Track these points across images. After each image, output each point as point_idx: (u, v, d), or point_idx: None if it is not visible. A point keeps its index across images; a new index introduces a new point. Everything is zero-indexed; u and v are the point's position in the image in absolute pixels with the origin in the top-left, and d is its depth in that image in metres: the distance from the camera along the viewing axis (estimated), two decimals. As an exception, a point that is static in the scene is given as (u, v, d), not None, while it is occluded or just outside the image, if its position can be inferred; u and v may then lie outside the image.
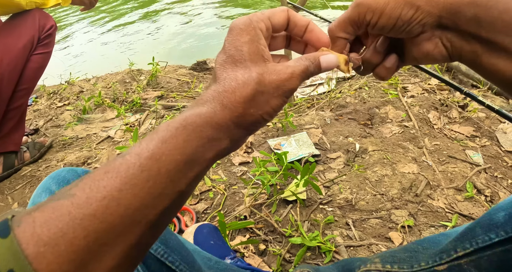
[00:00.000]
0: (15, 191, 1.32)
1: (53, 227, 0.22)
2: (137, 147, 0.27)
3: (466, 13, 0.31)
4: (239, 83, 0.30)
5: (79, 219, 0.23)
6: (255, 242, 0.92)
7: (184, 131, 0.28)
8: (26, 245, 0.21)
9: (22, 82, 1.37)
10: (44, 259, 0.21)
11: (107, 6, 5.83)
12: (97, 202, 0.23)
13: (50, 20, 1.40)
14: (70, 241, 0.22)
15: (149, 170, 0.25)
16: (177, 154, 0.27)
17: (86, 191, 0.24)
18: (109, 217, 0.23)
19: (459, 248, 0.51)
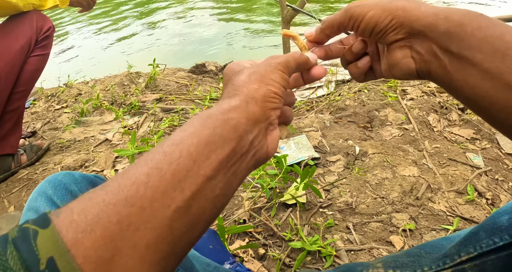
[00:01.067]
0: (11, 194, 1.31)
1: (89, 214, 0.23)
2: (161, 141, 0.29)
3: (439, 28, 0.33)
4: (234, 80, 0.35)
5: (112, 205, 0.24)
6: (254, 246, 0.91)
7: (199, 117, 0.30)
8: (66, 232, 0.22)
9: (19, 84, 1.36)
10: (81, 245, 0.22)
11: (106, 9, 5.84)
12: (128, 187, 0.25)
13: (48, 22, 1.39)
14: (105, 226, 0.23)
15: (171, 154, 0.27)
16: (195, 137, 0.28)
17: (118, 179, 0.25)
18: (139, 200, 0.24)
19: (462, 253, 0.51)
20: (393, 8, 0.35)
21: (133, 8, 5.75)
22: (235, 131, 0.30)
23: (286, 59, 0.36)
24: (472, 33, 0.32)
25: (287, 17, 2.06)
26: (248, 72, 0.34)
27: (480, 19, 0.32)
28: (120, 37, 4.47)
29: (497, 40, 0.31)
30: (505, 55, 0.30)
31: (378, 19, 0.36)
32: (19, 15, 1.31)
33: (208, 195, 0.28)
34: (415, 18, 0.34)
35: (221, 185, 0.29)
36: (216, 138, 0.28)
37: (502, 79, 0.31)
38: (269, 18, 4.50)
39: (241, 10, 4.95)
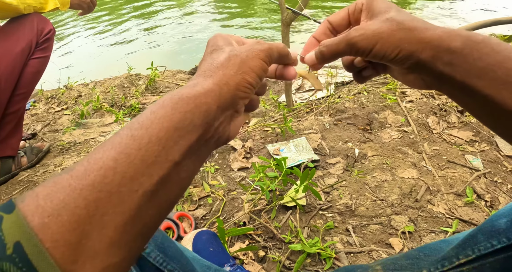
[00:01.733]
0: (11, 197, 1.31)
1: (55, 199, 0.23)
2: (129, 122, 0.29)
3: (443, 58, 0.34)
4: (214, 57, 0.34)
5: (79, 190, 0.24)
6: (254, 248, 0.92)
7: (171, 100, 0.29)
8: (31, 217, 0.22)
9: (20, 87, 1.36)
10: (48, 229, 0.22)
11: (106, 11, 5.85)
12: (95, 172, 0.24)
13: (49, 25, 1.40)
14: (72, 211, 0.23)
15: (140, 138, 0.26)
16: (165, 121, 0.28)
17: (84, 164, 0.25)
18: (107, 186, 0.24)
19: (461, 255, 0.51)
20: (398, 40, 0.36)
21: (133, 10, 5.76)
22: (204, 118, 0.30)
23: (269, 47, 0.36)
24: (474, 63, 0.33)
25: (286, 20, 2.06)
26: (229, 55, 0.34)
27: (481, 47, 0.33)
28: (120, 39, 4.48)
29: (498, 68, 0.32)
30: (506, 82, 0.32)
31: (385, 53, 0.36)
32: (19, 17, 1.32)
33: (175, 179, 0.28)
34: (420, 50, 0.35)
35: (186, 168, 0.29)
36: (186, 123, 0.28)
37: (504, 105, 0.33)
38: (269, 20, 4.51)
39: (240, 14, 4.97)
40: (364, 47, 0.37)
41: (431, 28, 0.35)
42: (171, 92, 0.31)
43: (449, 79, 0.35)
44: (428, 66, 0.36)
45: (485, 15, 3.97)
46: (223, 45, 0.35)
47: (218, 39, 0.36)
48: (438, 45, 0.34)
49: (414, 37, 0.35)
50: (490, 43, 0.33)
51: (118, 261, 0.25)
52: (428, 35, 0.35)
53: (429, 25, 0.36)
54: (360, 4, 0.40)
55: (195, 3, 5.63)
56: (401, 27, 0.36)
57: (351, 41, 0.37)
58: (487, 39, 0.33)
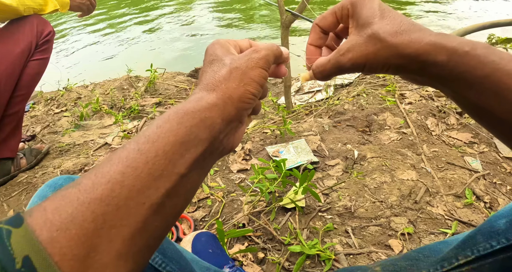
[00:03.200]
0: (10, 198, 1.31)
1: (63, 213, 0.23)
2: (136, 136, 0.29)
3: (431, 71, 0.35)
4: (215, 70, 0.34)
5: (86, 203, 0.24)
6: (253, 250, 0.91)
7: (176, 115, 0.30)
8: (40, 231, 0.22)
9: (19, 88, 1.36)
10: (57, 243, 0.22)
11: (106, 13, 5.86)
12: (102, 186, 0.25)
13: (48, 26, 1.40)
14: (80, 225, 0.23)
15: (147, 152, 0.27)
16: (171, 135, 0.28)
17: (92, 177, 0.25)
18: (114, 199, 0.25)
19: (460, 256, 0.51)
20: (384, 58, 0.36)
21: (133, 13, 5.77)
22: (210, 132, 0.30)
23: (266, 53, 0.36)
24: (461, 75, 0.33)
25: (286, 22, 2.07)
26: (230, 68, 0.34)
27: (467, 60, 0.33)
28: (120, 42, 4.48)
29: (485, 80, 0.32)
30: (495, 94, 0.32)
31: (375, 70, 0.38)
32: (19, 19, 1.32)
33: (180, 191, 0.29)
34: (407, 64, 0.36)
35: (192, 180, 0.30)
36: (192, 137, 0.29)
37: (495, 113, 0.33)
38: (268, 22, 4.52)
39: (240, 18, 4.98)
40: (354, 69, 0.39)
41: (415, 40, 0.35)
42: (176, 105, 0.31)
43: (441, 86, 0.36)
44: (418, 75, 0.37)
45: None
46: (222, 56, 0.35)
47: (216, 48, 0.36)
48: (424, 61, 0.34)
49: (399, 54, 0.35)
50: (477, 54, 0.32)
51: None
52: (413, 50, 0.34)
53: (414, 36, 0.35)
54: (346, 8, 0.40)
55: (196, 6, 5.65)
56: (385, 44, 0.36)
57: (342, 67, 0.39)
58: (473, 50, 0.32)
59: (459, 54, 0.33)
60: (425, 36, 0.34)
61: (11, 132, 1.39)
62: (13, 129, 1.40)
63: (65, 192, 0.25)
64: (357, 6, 0.39)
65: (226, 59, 0.35)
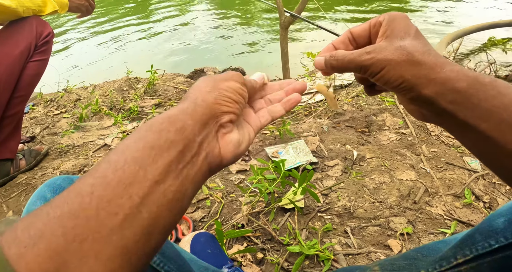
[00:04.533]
0: (10, 199, 1.30)
1: (32, 229, 0.22)
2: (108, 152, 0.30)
3: (447, 97, 0.34)
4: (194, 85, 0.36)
5: (56, 218, 0.23)
6: (252, 250, 0.91)
7: (145, 125, 0.30)
8: (8, 248, 0.21)
9: (19, 90, 1.36)
10: (23, 259, 0.21)
11: (106, 15, 5.87)
12: (72, 199, 0.24)
13: (48, 28, 1.40)
14: (49, 239, 0.22)
15: (116, 162, 0.26)
16: (140, 142, 0.28)
17: (64, 194, 0.25)
18: (84, 211, 0.23)
19: (459, 255, 0.51)
20: (403, 70, 0.36)
21: (133, 15, 5.79)
22: (181, 133, 0.29)
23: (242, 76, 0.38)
24: (479, 104, 0.33)
25: (285, 24, 2.08)
26: (204, 78, 0.35)
27: (487, 88, 0.33)
28: (120, 43, 4.49)
29: (504, 111, 0.32)
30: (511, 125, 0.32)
31: (388, 80, 0.37)
32: (19, 20, 1.32)
33: (160, 200, 0.26)
34: (424, 85, 0.35)
35: (172, 189, 0.27)
36: (162, 141, 0.28)
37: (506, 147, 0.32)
38: (267, 24, 4.53)
39: (241, 20, 4.99)
40: (371, 70, 0.38)
41: (440, 65, 0.35)
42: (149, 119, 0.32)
43: (450, 117, 0.35)
44: (429, 102, 0.36)
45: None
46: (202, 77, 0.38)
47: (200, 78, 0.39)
48: (443, 83, 0.34)
49: (420, 72, 0.35)
50: (497, 85, 0.33)
51: None
52: (435, 72, 0.35)
53: (439, 61, 0.35)
54: (382, 19, 0.40)
55: (195, 8, 5.66)
56: (410, 58, 0.36)
57: (361, 63, 0.39)
58: (494, 81, 0.33)
59: (481, 82, 0.33)
60: (449, 64, 0.35)
61: (10, 133, 1.39)
62: (13, 130, 1.40)
63: (39, 210, 0.24)
64: (395, 20, 0.39)
65: (203, 77, 0.37)
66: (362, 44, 0.44)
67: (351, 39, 0.44)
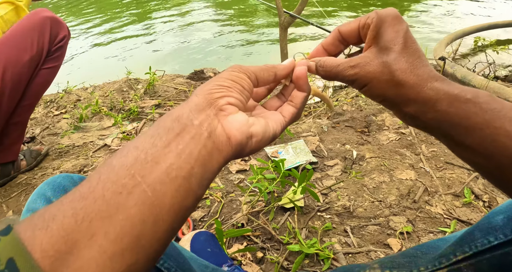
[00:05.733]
0: (10, 199, 1.30)
1: (47, 214, 0.24)
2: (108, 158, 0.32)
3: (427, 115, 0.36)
4: None
5: (67, 202, 0.25)
6: (252, 249, 0.91)
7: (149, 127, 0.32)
8: (24, 232, 0.23)
9: (26, 98, 1.26)
10: (38, 240, 0.22)
11: (106, 15, 5.88)
12: (82, 186, 0.26)
13: (64, 29, 1.26)
14: (60, 221, 0.23)
15: (120, 152, 0.29)
16: (142, 136, 0.30)
17: (78, 187, 0.27)
18: (92, 193, 0.25)
19: (458, 252, 0.51)
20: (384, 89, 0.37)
21: (133, 15, 5.79)
22: (177, 121, 0.30)
23: (244, 66, 0.37)
24: (460, 122, 0.34)
25: (284, 24, 2.08)
26: (210, 79, 0.36)
27: (468, 106, 0.33)
28: (120, 44, 4.50)
29: (486, 128, 0.32)
30: (495, 140, 0.32)
31: (370, 96, 0.39)
32: (30, 19, 1.19)
33: (163, 178, 0.27)
34: (404, 104, 0.37)
35: (175, 167, 0.28)
36: (160, 130, 0.30)
37: (494, 161, 0.33)
38: (268, 25, 4.54)
39: (240, 21, 5.00)
40: (355, 85, 0.39)
41: (420, 84, 0.35)
42: None
43: (435, 130, 0.36)
44: (412, 117, 0.37)
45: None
46: None
47: None
48: (423, 103, 0.35)
49: (400, 92, 0.36)
50: (479, 101, 0.33)
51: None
52: (415, 92, 0.35)
53: (421, 79, 0.35)
54: (370, 21, 0.39)
55: (194, 9, 5.67)
56: (391, 78, 0.36)
57: (346, 77, 0.39)
58: (476, 97, 0.33)
59: (461, 101, 0.33)
60: (430, 81, 0.35)
61: (16, 138, 1.36)
62: (18, 136, 1.36)
63: (54, 201, 0.26)
64: (384, 24, 0.38)
65: None
66: (353, 43, 0.44)
67: (340, 39, 0.43)
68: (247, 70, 0.37)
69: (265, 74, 0.39)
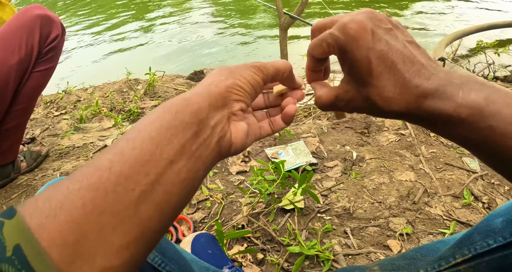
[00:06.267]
0: (10, 201, 1.31)
1: (53, 201, 0.23)
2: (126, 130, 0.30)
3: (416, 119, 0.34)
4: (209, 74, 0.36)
5: (76, 190, 0.24)
6: (253, 251, 0.92)
7: (162, 106, 0.31)
8: (30, 219, 0.22)
9: (19, 102, 1.19)
10: (46, 229, 0.22)
11: (105, 16, 5.88)
12: (91, 173, 0.25)
13: (56, 28, 1.18)
14: (69, 211, 0.23)
15: (133, 139, 0.27)
16: (157, 122, 0.29)
17: (83, 169, 0.26)
18: (103, 185, 0.25)
19: (457, 255, 0.51)
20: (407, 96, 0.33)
21: (132, 16, 5.79)
22: (196, 116, 0.30)
23: (262, 64, 0.36)
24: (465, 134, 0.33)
25: (284, 25, 2.08)
26: (220, 68, 0.35)
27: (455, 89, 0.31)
28: (119, 45, 4.49)
29: None
30: None
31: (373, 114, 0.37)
32: (19, 18, 1.12)
33: (173, 179, 0.28)
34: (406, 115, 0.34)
35: (185, 169, 0.29)
36: (178, 122, 0.29)
37: None
38: (267, 26, 4.54)
39: (240, 22, 5.00)
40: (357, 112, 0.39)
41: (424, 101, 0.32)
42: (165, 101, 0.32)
43: None
44: None
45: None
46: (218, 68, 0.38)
47: None
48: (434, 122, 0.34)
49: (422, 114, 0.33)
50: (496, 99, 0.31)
51: (118, 265, 0.24)
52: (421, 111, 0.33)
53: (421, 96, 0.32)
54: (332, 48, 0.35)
55: (194, 9, 5.67)
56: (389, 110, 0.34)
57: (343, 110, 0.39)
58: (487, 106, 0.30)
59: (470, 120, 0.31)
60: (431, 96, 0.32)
61: (14, 141, 1.34)
62: (17, 138, 1.34)
63: (58, 183, 0.25)
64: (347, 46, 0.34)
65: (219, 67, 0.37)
66: None
67: (319, 60, 0.40)
68: (267, 74, 0.37)
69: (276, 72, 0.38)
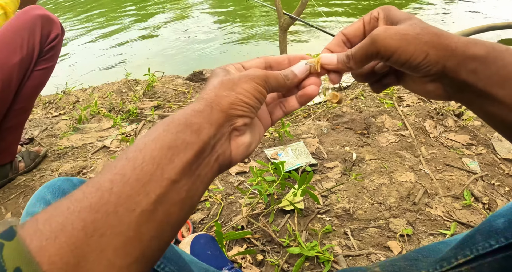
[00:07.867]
0: (8, 201, 1.30)
1: (53, 222, 0.23)
2: (125, 149, 0.30)
3: (468, 66, 0.33)
4: (209, 83, 0.35)
5: (77, 212, 0.24)
6: (252, 252, 0.91)
7: (162, 124, 0.30)
8: (30, 241, 0.22)
9: (18, 101, 1.21)
10: (46, 252, 0.22)
11: (105, 16, 5.87)
12: (92, 194, 0.25)
13: (56, 27, 1.20)
14: (70, 233, 0.23)
15: (134, 159, 0.27)
16: (158, 142, 0.28)
17: (83, 188, 0.26)
18: (104, 206, 0.24)
19: (459, 256, 0.51)
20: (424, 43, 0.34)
21: (132, 16, 5.79)
22: (197, 136, 0.30)
23: (265, 74, 0.36)
24: (497, 72, 0.32)
25: (284, 25, 2.08)
26: (222, 79, 0.34)
27: (505, 55, 0.33)
28: (119, 45, 4.49)
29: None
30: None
31: (410, 57, 0.34)
32: (20, 18, 1.15)
33: (174, 199, 0.28)
34: (447, 57, 0.34)
35: (186, 188, 0.29)
36: (179, 142, 0.29)
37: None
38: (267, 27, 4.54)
39: (240, 22, 5.00)
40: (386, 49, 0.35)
41: (455, 36, 0.34)
42: (165, 118, 0.31)
43: (470, 88, 0.34)
44: (451, 75, 0.35)
45: (480, 21, 4.01)
46: (220, 73, 0.36)
47: (217, 70, 0.37)
48: (463, 52, 0.33)
49: (441, 43, 0.34)
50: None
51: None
52: (454, 41, 0.34)
53: (452, 34, 0.35)
54: (376, 13, 0.39)
55: (194, 10, 5.67)
56: (426, 31, 0.34)
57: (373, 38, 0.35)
58: (510, 49, 0.33)
59: (498, 50, 0.33)
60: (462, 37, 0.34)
61: (12, 141, 1.34)
62: (15, 138, 1.35)
63: (58, 203, 0.25)
64: (391, 10, 0.38)
65: (222, 74, 0.36)
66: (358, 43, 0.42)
67: (345, 41, 0.42)
68: (270, 85, 0.36)
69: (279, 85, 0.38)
